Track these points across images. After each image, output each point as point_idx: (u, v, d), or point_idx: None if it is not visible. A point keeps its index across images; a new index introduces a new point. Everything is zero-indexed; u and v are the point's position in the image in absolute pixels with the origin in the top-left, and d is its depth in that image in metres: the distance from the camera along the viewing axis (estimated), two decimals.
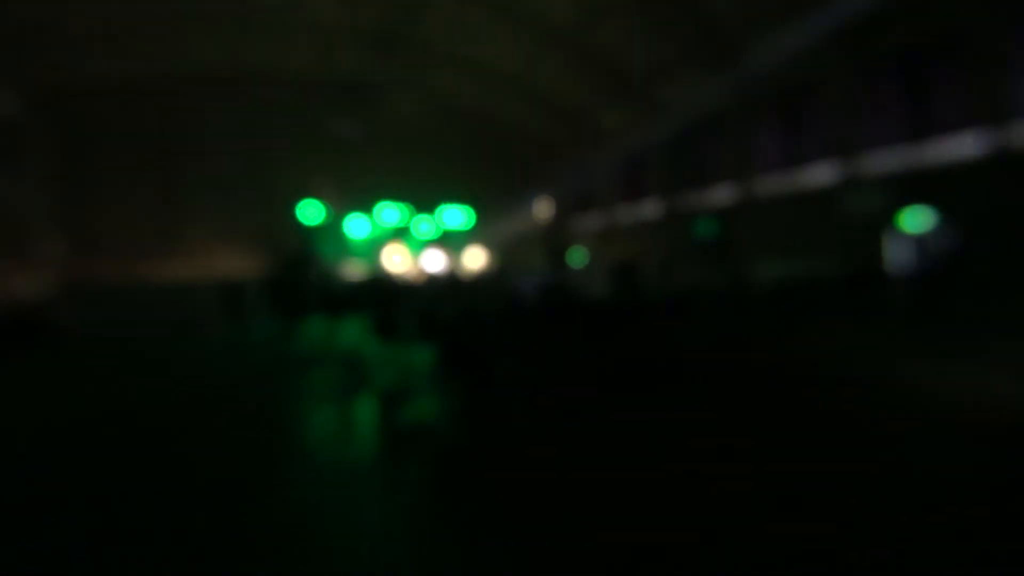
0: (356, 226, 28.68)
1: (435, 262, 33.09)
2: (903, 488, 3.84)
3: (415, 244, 32.96)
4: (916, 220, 14.95)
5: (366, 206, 29.10)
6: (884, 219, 15.66)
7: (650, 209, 27.86)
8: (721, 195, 23.00)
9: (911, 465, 4.24)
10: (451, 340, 9.01)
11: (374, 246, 31.17)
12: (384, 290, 20.49)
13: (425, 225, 31.77)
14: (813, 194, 18.74)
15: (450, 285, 22.53)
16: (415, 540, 3.53)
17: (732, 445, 4.81)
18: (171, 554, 3.39)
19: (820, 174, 18.69)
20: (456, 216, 32.33)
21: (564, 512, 3.68)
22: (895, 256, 15.61)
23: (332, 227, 28.01)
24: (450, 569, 3.15)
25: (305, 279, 20.72)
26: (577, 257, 31.81)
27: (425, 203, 31.70)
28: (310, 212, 26.27)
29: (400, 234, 31.94)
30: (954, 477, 4.00)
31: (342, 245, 29.26)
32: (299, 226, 26.56)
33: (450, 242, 34.35)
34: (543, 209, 36.77)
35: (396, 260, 32.03)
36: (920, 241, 15.01)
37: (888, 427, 5.16)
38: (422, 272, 29.68)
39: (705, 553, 3.13)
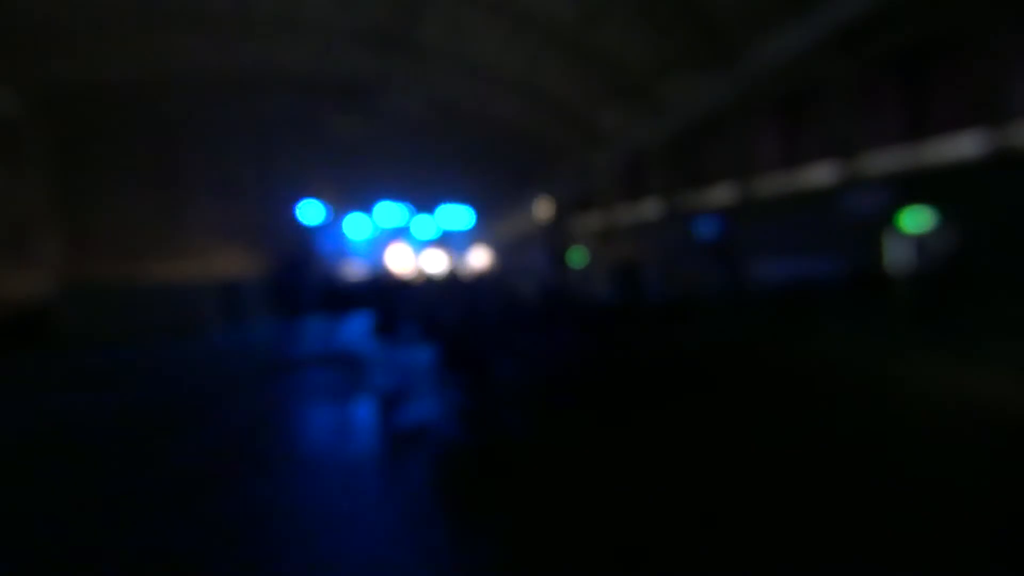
0: (356, 226, 28.68)
1: (435, 262, 33.09)
2: (905, 491, 3.83)
3: (415, 244, 32.96)
4: (916, 220, 14.95)
5: (366, 206, 29.10)
6: (884, 219, 15.65)
7: (650, 209, 27.85)
8: (721, 195, 22.99)
9: (915, 468, 4.24)
10: (451, 340, 9.01)
11: (374, 246, 31.17)
12: (384, 290, 20.48)
13: (425, 225, 31.78)
14: (813, 194, 18.73)
15: (450, 285, 22.52)
16: (414, 541, 3.53)
17: (736, 447, 4.81)
18: (171, 554, 3.39)
19: (820, 174, 18.69)
20: (456, 216, 32.33)
21: (563, 513, 3.68)
22: (895, 256, 15.60)
23: (332, 227, 28.00)
24: (449, 570, 3.15)
25: (305, 279, 20.72)
26: (577, 257, 31.79)
27: (425, 203, 31.72)
28: (310, 212, 26.27)
29: (400, 234, 31.94)
30: (959, 479, 4.00)
31: (342, 245, 29.26)
32: (299, 226, 26.55)
33: (450, 242, 34.34)
34: (543, 209, 36.75)
35: (396, 260, 32.02)
36: (920, 241, 15.00)
37: (893, 428, 5.16)
38: (422, 272, 29.68)
39: (705, 554, 3.13)
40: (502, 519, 3.67)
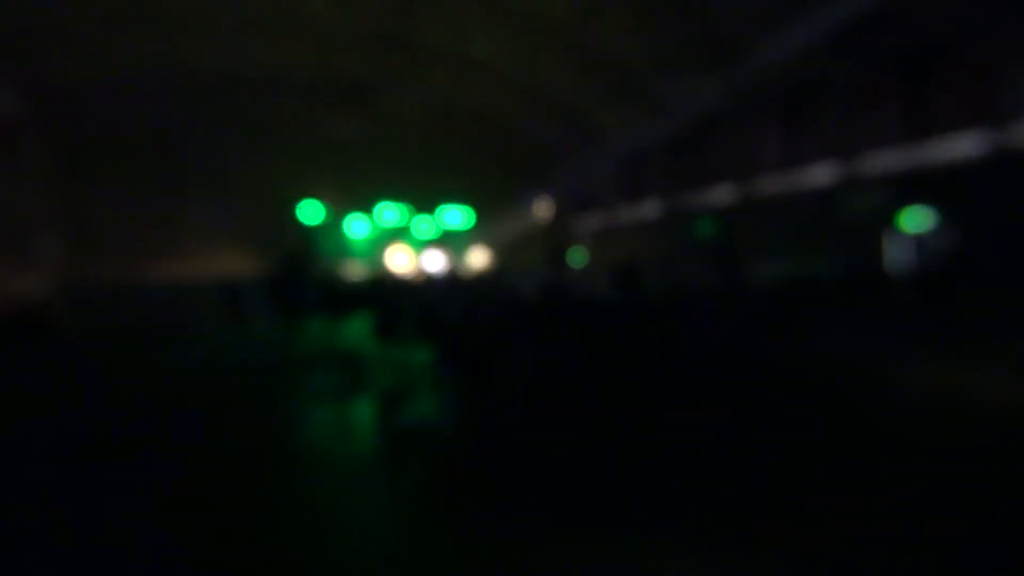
0: (356, 226, 28.66)
1: (435, 262, 33.08)
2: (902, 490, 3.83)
3: (415, 244, 32.95)
4: (916, 220, 14.94)
5: (366, 206, 29.08)
6: (884, 219, 15.65)
7: (650, 209, 27.85)
8: (721, 195, 22.99)
9: (911, 466, 4.24)
10: (451, 340, 9.00)
11: (374, 246, 31.15)
12: (384, 290, 20.48)
13: (425, 225, 31.75)
14: (813, 194, 18.73)
15: (450, 285, 22.53)
16: (414, 540, 3.53)
17: (734, 446, 4.81)
18: (172, 554, 3.39)
19: (820, 174, 18.69)
20: (456, 216, 32.30)
21: (563, 512, 3.68)
22: (895, 256, 15.60)
23: (332, 227, 27.98)
24: (449, 569, 3.14)
25: (305, 279, 20.72)
26: (577, 257, 31.79)
27: (425, 203, 31.69)
28: (310, 212, 26.23)
29: (400, 234, 31.93)
30: (954, 477, 4.00)
31: (342, 245, 29.24)
32: (299, 226, 26.54)
33: (450, 242, 34.33)
34: (543, 209, 36.75)
35: (396, 260, 32.03)
36: (920, 241, 15.00)
37: (889, 427, 5.16)
38: (422, 272, 29.67)
39: (700, 556, 3.13)
40: (502, 520, 3.66)
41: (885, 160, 16.49)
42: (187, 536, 3.62)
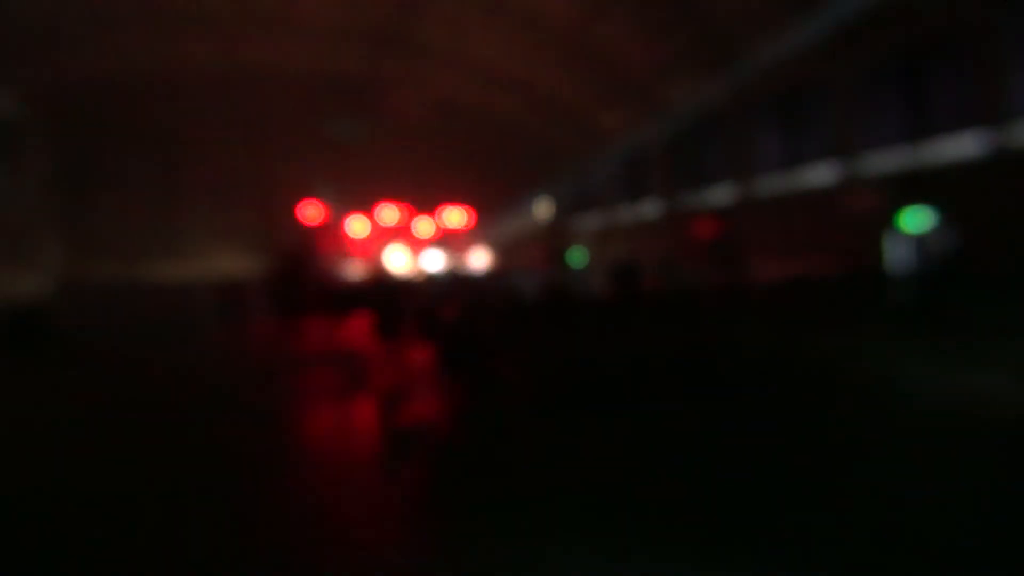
0: (356, 226, 28.62)
1: (435, 262, 33.04)
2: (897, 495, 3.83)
3: (415, 244, 32.90)
4: (916, 220, 14.94)
5: (366, 206, 29.04)
6: (884, 219, 15.64)
7: (650, 209, 27.85)
8: (721, 195, 22.99)
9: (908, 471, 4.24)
10: (451, 340, 9.00)
11: (374, 246, 31.10)
12: (384, 290, 20.48)
13: (425, 225, 31.72)
14: (813, 194, 18.73)
15: (450, 285, 22.54)
16: (413, 540, 3.53)
17: (732, 446, 4.80)
18: (169, 554, 3.39)
19: (820, 174, 18.68)
20: (456, 216, 32.28)
21: (562, 512, 3.68)
22: (895, 256, 15.60)
23: (332, 227, 27.95)
24: (447, 569, 3.14)
25: (305, 279, 20.72)
26: (577, 257, 31.77)
27: (425, 203, 31.68)
28: (310, 212, 26.20)
29: (400, 234, 31.88)
30: (949, 479, 4.00)
31: (342, 245, 29.20)
32: (299, 226, 26.50)
33: (450, 242, 34.29)
34: (543, 209, 36.71)
35: (396, 260, 31.98)
36: (920, 241, 15.00)
37: (887, 428, 5.16)
38: (422, 272, 29.65)
39: (699, 558, 3.13)
40: (501, 520, 3.66)
41: (885, 160, 16.49)
42: (184, 536, 3.62)
